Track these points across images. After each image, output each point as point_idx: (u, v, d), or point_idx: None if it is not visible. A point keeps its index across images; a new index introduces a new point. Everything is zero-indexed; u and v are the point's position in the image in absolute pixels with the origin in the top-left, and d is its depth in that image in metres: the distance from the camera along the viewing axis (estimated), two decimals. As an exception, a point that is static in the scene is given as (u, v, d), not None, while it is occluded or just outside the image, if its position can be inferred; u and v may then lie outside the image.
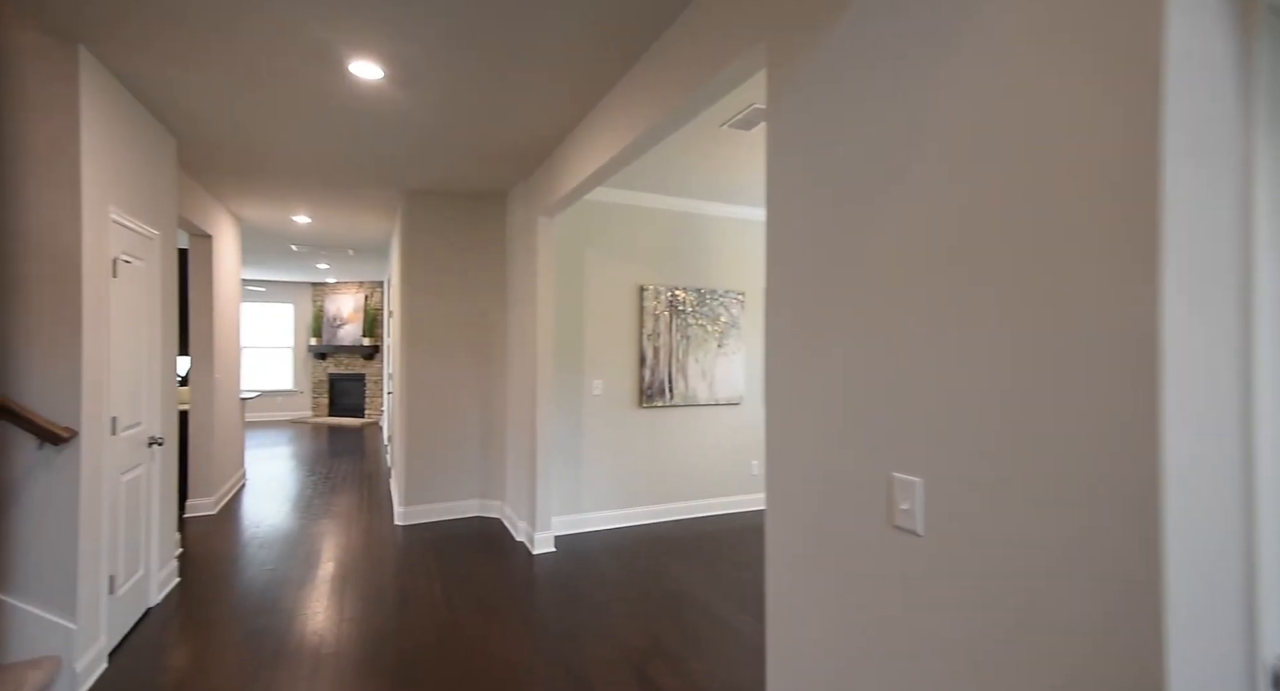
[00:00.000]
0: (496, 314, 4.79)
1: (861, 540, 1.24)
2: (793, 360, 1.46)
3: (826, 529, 1.34)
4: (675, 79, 2.19)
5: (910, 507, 1.12)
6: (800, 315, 1.43)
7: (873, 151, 1.22)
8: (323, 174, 4.14)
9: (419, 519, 4.63)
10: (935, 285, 1.08)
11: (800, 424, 1.43)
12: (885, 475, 1.18)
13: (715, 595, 3.29)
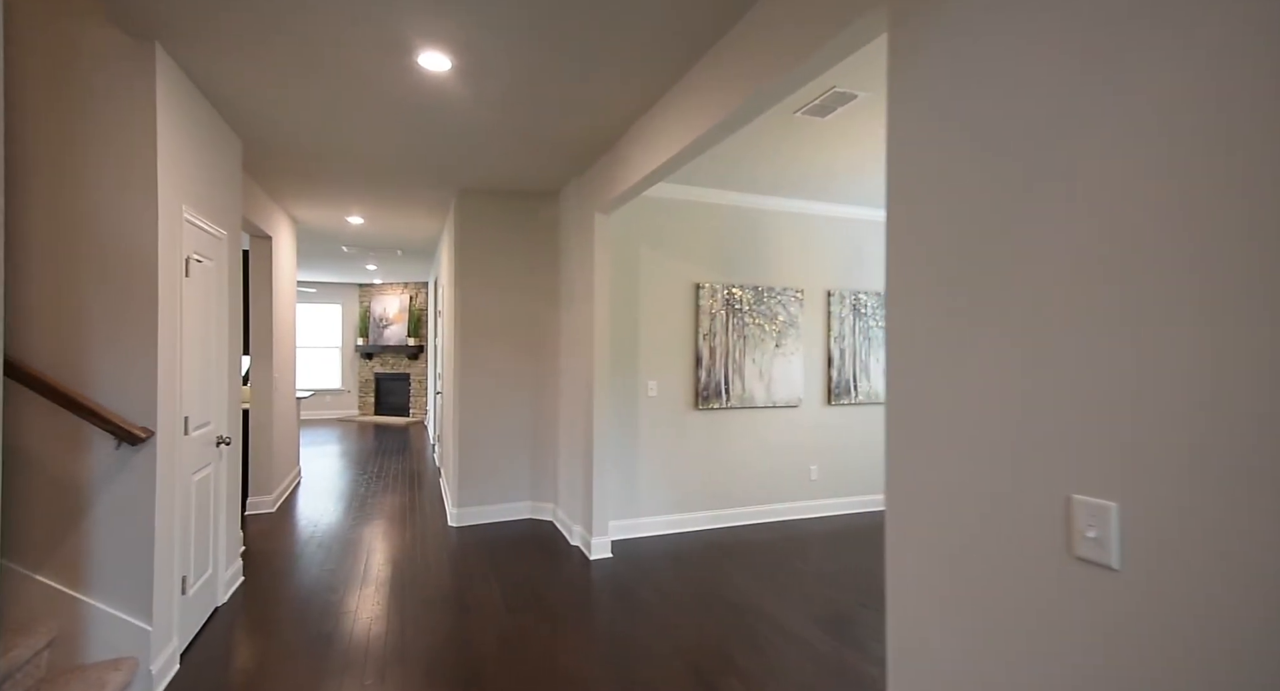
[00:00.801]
0: (548, 313, 4.73)
1: (1027, 574, 1.08)
2: (926, 363, 1.30)
3: (976, 561, 1.18)
4: (767, 58, 2.05)
5: (1100, 535, 0.95)
6: (939, 309, 1.27)
7: (1038, 113, 1.06)
8: (379, 174, 4.13)
9: (472, 520, 4.60)
10: (1135, 269, 0.92)
11: (937, 437, 1.28)
12: (1060, 497, 1.02)
13: (783, 608, 3.13)
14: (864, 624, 2.96)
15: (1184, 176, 0.86)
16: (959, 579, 1.22)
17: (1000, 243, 1.13)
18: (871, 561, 3.81)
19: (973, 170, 1.19)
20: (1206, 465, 0.83)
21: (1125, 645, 0.93)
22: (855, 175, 4.01)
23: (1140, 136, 0.91)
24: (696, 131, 2.59)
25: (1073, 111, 1.01)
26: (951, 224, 1.23)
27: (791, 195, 4.54)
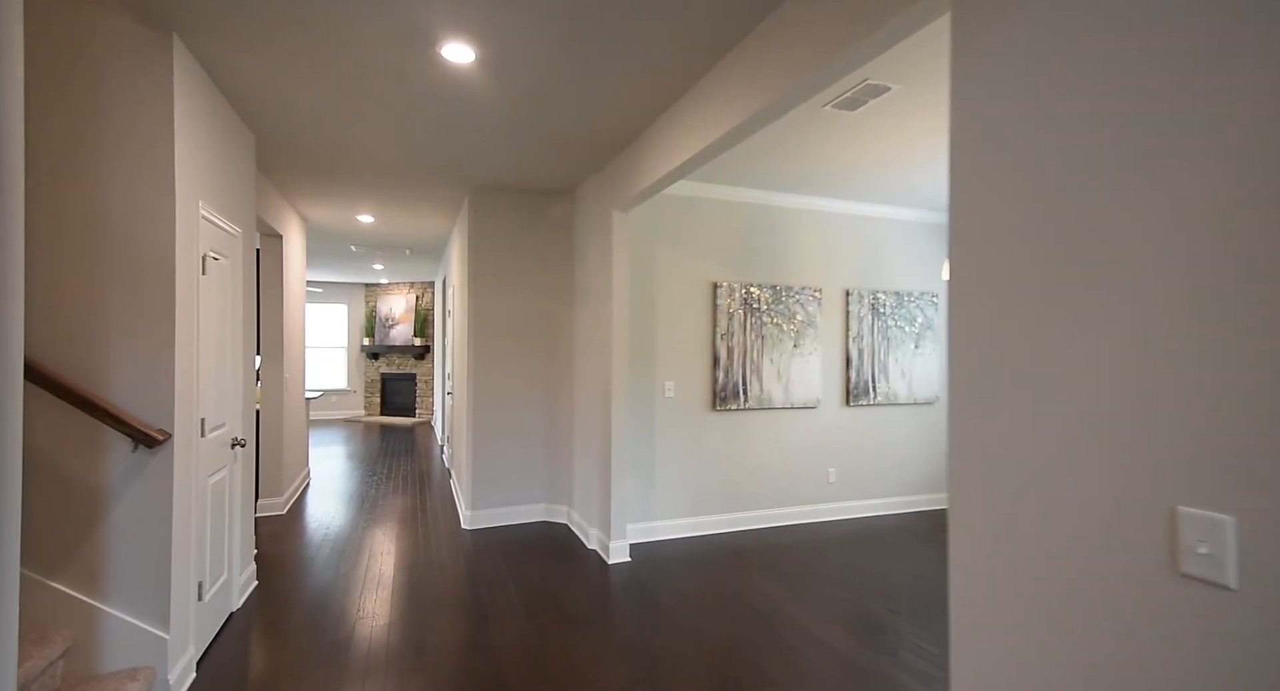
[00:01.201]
0: (562, 312, 4.66)
1: (1119, 592, 1.01)
2: (998, 359, 1.23)
3: (1058, 577, 1.11)
4: (804, 49, 1.98)
5: (1214, 551, 0.88)
6: (1018, 307, 1.20)
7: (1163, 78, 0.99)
8: (393, 171, 4.07)
9: (486, 523, 4.53)
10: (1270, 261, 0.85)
11: (1010, 441, 1.20)
12: (1163, 509, 0.95)
13: (809, 613, 3.05)
14: (895, 631, 2.88)
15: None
16: (1038, 597, 1.15)
17: (1106, 235, 1.05)
18: (896, 565, 3.74)
19: (1071, 149, 1.12)
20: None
21: (1240, 671, 0.86)
22: (879, 172, 3.94)
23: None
24: (724, 127, 2.53)
25: (1207, 68, 0.93)
26: (1038, 214, 1.16)
27: (811, 193, 4.47)
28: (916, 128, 3.13)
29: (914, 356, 4.89)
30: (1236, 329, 0.88)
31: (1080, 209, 1.08)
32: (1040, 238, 1.15)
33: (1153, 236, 0.97)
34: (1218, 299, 0.90)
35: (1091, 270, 1.06)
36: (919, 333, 4.90)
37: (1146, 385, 0.98)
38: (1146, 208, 0.98)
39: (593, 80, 2.65)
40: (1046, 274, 1.14)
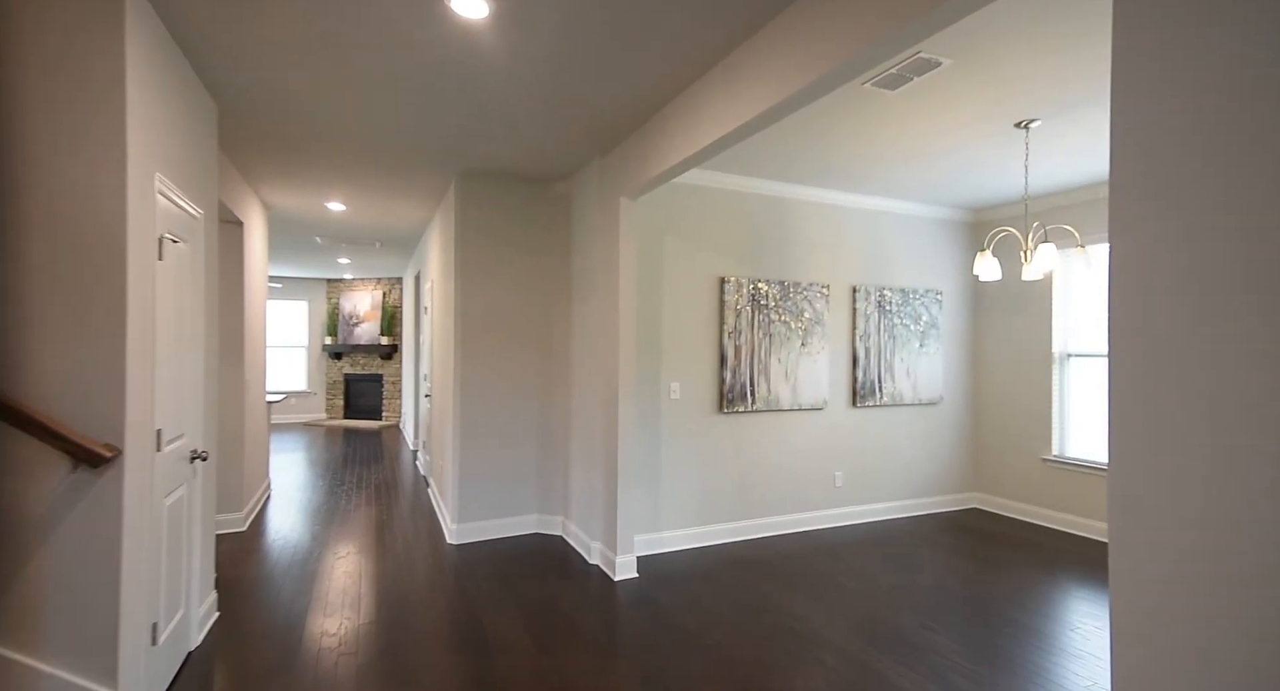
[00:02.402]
0: (559, 309, 4.34)
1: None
2: (1178, 360, 1.01)
3: (1257, 645, 0.89)
4: (861, 19, 1.74)
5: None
6: (1224, 297, 0.98)
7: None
8: (372, 153, 3.68)
9: (475, 537, 4.18)
10: None
11: (1205, 454, 0.99)
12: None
13: (842, 632, 2.84)
14: (935, 649, 2.70)
15: None
16: (1227, 657, 0.93)
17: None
18: (915, 575, 3.57)
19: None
20: None
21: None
22: (898, 164, 3.77)
23: None
24: (759, 106, 2.29)
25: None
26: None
27: (824, 185, 4.28)
28: (959, 113, 2.95)
29: (918, 355, 4.76)
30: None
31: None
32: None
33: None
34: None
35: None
36: (924, 331, 4.78)
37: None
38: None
39: (612, 49, 2.37)
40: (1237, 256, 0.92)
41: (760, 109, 2.29)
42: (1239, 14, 0.97)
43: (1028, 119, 3.03)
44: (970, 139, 3.32)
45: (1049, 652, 2.68)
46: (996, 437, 4.91)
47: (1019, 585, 3.42)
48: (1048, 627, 2.91)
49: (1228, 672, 0.98)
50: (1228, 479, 0.98)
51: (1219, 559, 0.99)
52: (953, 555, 3.90)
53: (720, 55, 2.46)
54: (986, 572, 3.60)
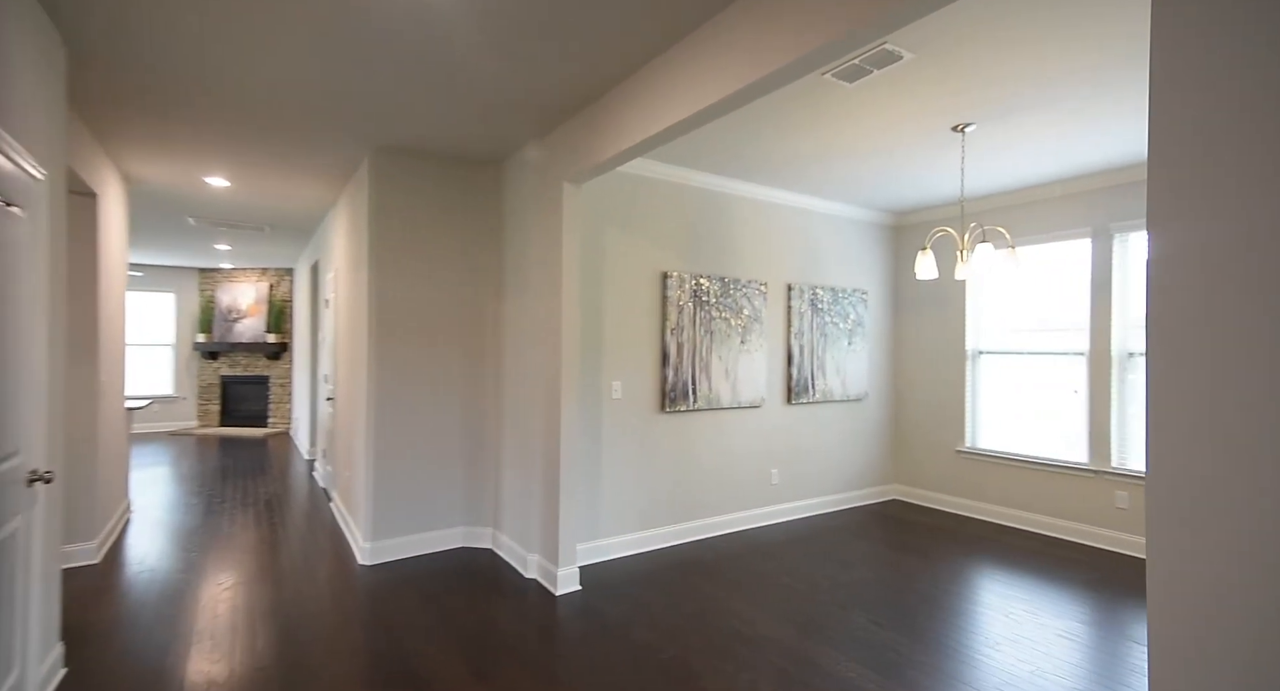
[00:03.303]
0: (489, 303, 4.00)
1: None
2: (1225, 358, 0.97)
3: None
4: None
5: None
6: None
7: None
8: (267, 117, 3.17)
9: (392, 555, 3.75)
10: None
11: (1258, 459, 0.95)
12: None
13: (799, 636, 2.79)
14: (886, 644, 2.70)
15: None
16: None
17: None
18: (853, 570, 3.62)
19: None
20: None
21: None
22: (834, 162, 3.80)
23: None
24: (726, 89, 2.17)
25: None
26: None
27: (762, 182, 4.26)
28: (901, 111, 2.98)
29: (847, 353, 4.89)
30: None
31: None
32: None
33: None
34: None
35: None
36: (851, 330, 4.92)
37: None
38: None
39: (566, 8, 2.14)
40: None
41: (731, 90, 2.16)
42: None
43: (964, 123, 3.14)
44: (907, 140, 3.40)
45: (992, 641, 2.77)
46: (914, 431, 5.15)
47: (950, 574, 3.55)
48: (986, 615, 3.02)
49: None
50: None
51: (1276, 572, 0.95)
52: (884, 547, 4.01)
53: (689, 28, 2.30)
54: (918, 563, 3.72)
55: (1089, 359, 4.07)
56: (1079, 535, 4.10)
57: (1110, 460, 3.97)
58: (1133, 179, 3.85)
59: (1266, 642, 0.96)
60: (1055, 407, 4.29)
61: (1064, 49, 2.38)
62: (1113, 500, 3.95)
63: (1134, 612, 3.04)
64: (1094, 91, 2.76)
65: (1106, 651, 2.66)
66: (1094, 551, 3.93)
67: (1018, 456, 4.42)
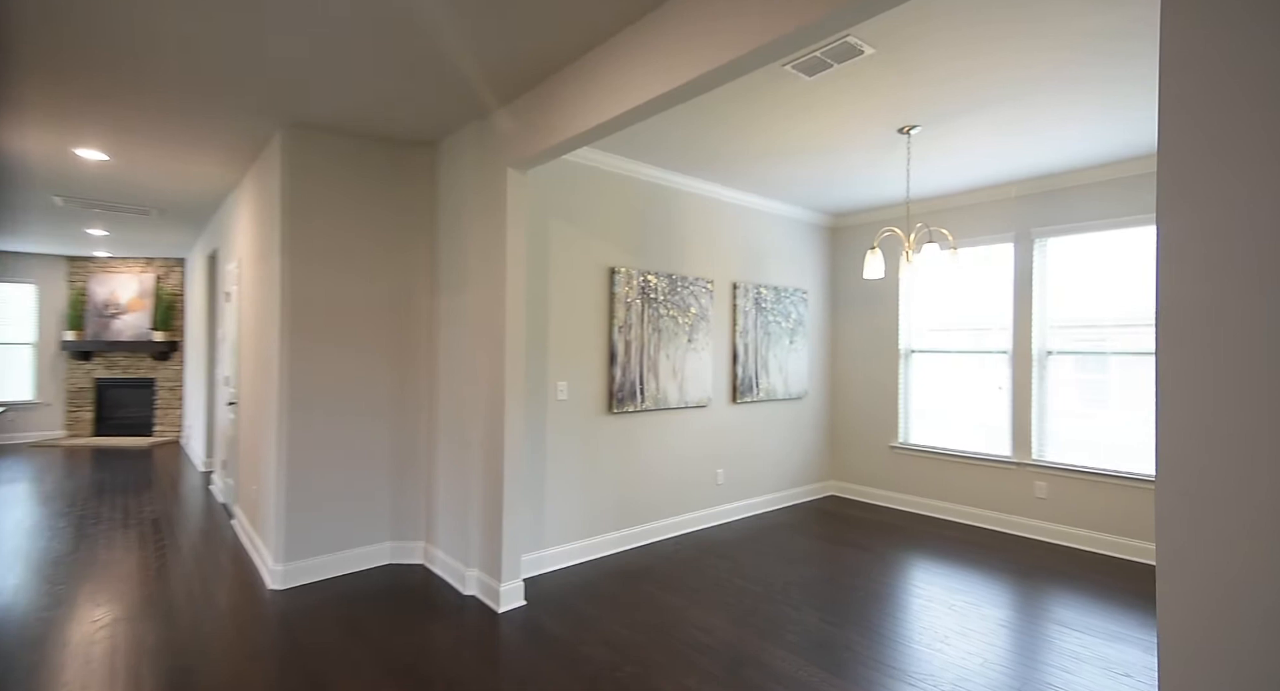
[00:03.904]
0: (422, 299, 3.68)
1: None
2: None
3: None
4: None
5: None
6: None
7: None
8: (159, 77, 2.73)
9: (308, 577, 3.36)
10: None
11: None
12: None
13: (760, 643, 2.71)
14: (848, 648, 2.68)
15: None
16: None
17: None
18: (801, 568, 3.61)
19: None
20: None
21: None
22: (781, 159, 3.79)
23: None
24: (690, 73, 2.06)
25: None
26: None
27: (710, 178, 4.19)
28: (861, 104, 2.97)
29: (789, 352, 4.93)
30: None
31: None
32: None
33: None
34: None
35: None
36: (793, 328, 4.96)
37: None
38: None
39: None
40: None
41: (696, 73, 2.04)
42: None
43: (911, 124, 3.20)
44: (854, 140, 3.43)
45: (942, 635, 2.81)
46: (851, 428, 5.28)
47: (894, 568, 3.62)
48: (932, 608, 3.08)
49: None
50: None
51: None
52: (830, 543, 4.05)
53: (652, 4, 2.15)
54: (863, 558, 3.78)
55: (1012, 357, 4.30)
56: (1003, 524, 4.32)
57: (1031, 453, 4.20)
58: (1053, 187, 4.09)
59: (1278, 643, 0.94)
60: (981, 403, 4.51)
61: (1015, 52, 2.44)
62: (1033, 490, 4.19)
63: (1058, 598, 3.20)
64: (1030, 99, 2.87)
65: (1044, 639, 2.77)
66: (1017, 539, 4.15)
67: (947, 451, 4.61)
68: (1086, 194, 3.97)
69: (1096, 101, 2.88)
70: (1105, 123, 3.14)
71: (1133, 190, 3.78)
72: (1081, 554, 3.85)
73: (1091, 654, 2.62)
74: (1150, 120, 3.10)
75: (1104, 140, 3.40)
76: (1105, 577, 3.47)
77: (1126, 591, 3.28)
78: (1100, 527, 3.88)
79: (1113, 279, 3.90)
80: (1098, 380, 3.97)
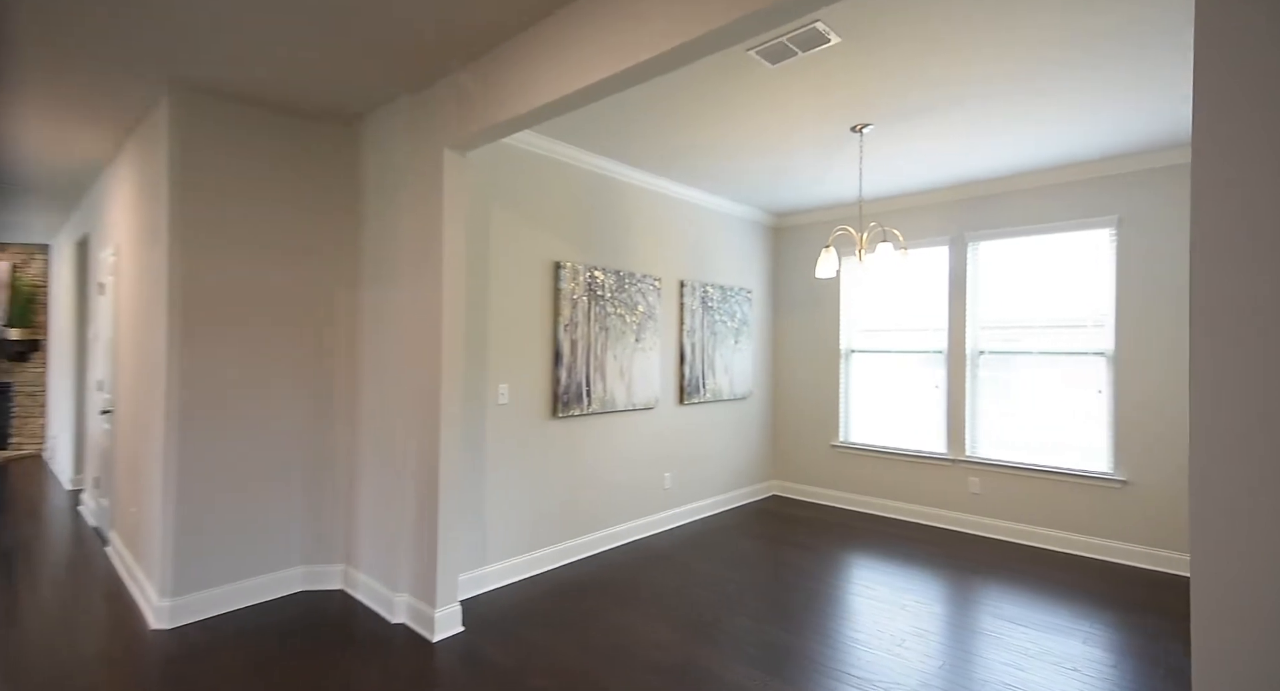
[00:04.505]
0: (342, 293, 3.29)
1: None
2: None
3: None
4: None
5: None
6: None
7: None
8: (8, 22, 2.24)
9: (201, 613, 2.90)
10: None
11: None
12: None
13: (721, 660, 2.57)
14: (812, 659, 2.59)
15: None
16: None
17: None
18: (754, 573, 3.52)
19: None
20: None
21: None
22: (729, 154, 3.69)
23: None
24: (657, 48, 1.89)
25: None
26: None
27: (659, 172, 4.03)
28: (817, 99, 2.90)
29: (734, 352, 4.86)
30: None
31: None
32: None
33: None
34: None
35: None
36: (738, 328, 4.90)
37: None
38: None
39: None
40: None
41: (663, 48, 1.87)
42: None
43: (864, 123, 3.17)
44: (807, 136, 3.38)
45: (898, 638, 2.78)
46: (793, 427, 5.29)
47: (843, 569, 3.60)
48: (886, 610, 3.06)
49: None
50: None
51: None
52: (777, 545, 3.99)
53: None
54: (811, 560, 3.74)
55: (947, 357, 4.43)
56: (940, 519, 4.44)
57: (965, 450, 4.34)
58: (987, 192, 4.24)
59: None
60: (918, 402, 4.62)
61: (973, 56, 2.43)
62: (967, 486, 4.33)
63: (999, 592, 3.28)
64: (979, 104, 2.90)
65: (993, 636, 2.80)
66: (954, 534, 4.26)
67: (886, 449, 4.70)
68: (1012, 202, 4.13)
69: (1038, 111, 2.96)
70: (1042, 130, 3.25)
71: (1059, 197, 3.96)
72: (1013, 546, 4.01)
73: (1039, 648, 2.67)
74: (1084, 129, 3.23)
75: (1038, 148, 3.53)
76: (1037, 569, 3.61)
77: (1058, 583, 3.41)
78: (1028, 520, 4.06)
79: (1038, 282, 4.08)
80: (1023, 379, 4.14)
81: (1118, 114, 3.03)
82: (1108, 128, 3.22)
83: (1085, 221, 3.87)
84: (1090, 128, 3.21)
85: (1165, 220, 3.61)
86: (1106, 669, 2.50)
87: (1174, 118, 3.07)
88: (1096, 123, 3.14)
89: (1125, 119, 3.09)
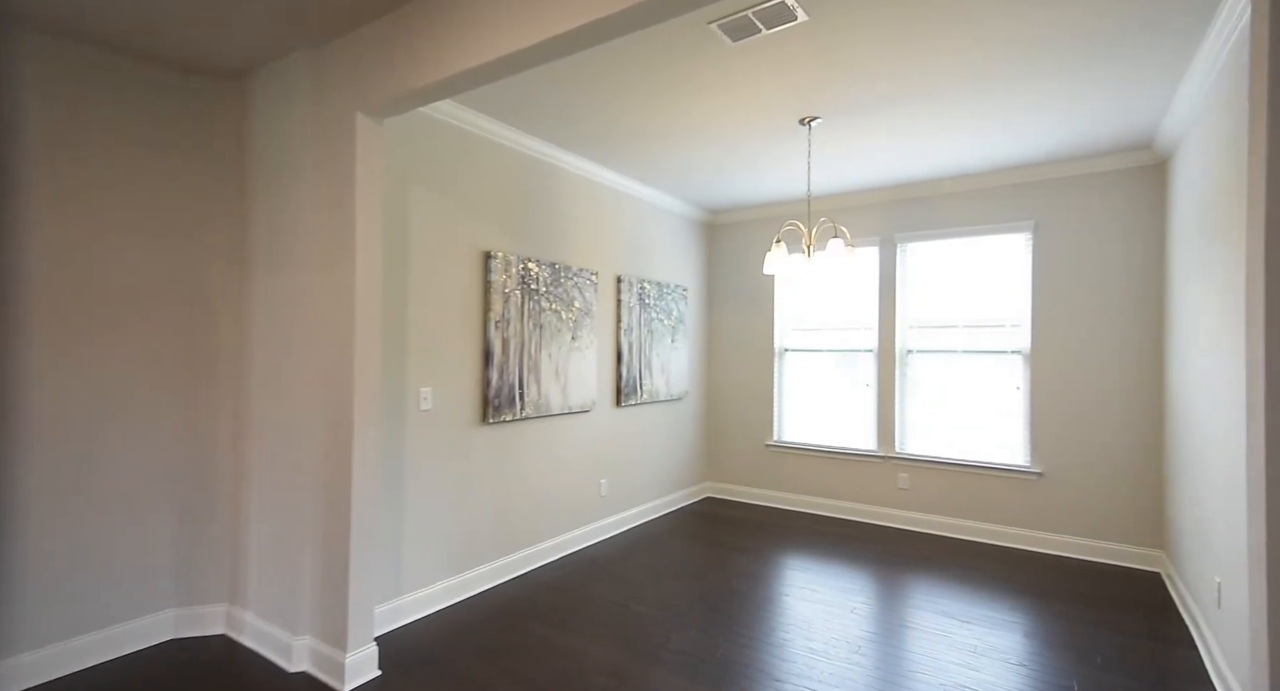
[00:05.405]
0: (224, 278, 2.77)
1: None
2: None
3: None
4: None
5: None
6: None
7: None
8: None
9: (36, 678, 2.32)
10: None
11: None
12: None
13: (683, 684, 2.37)
14: (769, 674, 2.44)
15: None
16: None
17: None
18: (700, 583, 3.36)
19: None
20: None
21: None
22: (672, 144, 3.50)
23: None
24: (607, 8, 1.65)
25: None
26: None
27: (599, 160, 3.77)
28: (768, 87, 2.76)
29: (671, 351, 4.70)
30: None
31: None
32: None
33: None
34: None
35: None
36: (674, 326, 4.74)
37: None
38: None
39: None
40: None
41: (615, 9, 1.64)
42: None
43: (812, 115, 3.09)
44: (753, 127, 3.26)
45: (854, 644, 2.71)
46: (727, 428, 5.21)
47: (787, 571, 3.52)
48: (837, 614, 2.99)
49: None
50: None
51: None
52: (717, 549, 3.86)
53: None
54: (752, 564, 3.63)
55: (877, 355, 4.50)
56: (871, 516, 4.50)
57: (894, 446, 4.43)
58: (918, 194, 4.33)
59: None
60: (850, 400, 4.67)
61: (941, 45, 2.38)
62: (896, 482, 4.41)
63: (936, 588, 3.32)
64: (928, 101, 2.90)
65: (940, 635, 2.80)
66: (885, 530, 4.33)
67: (819, 447, 4.72)
68: (940, 205, 4.25)
69: (984, 112, 3.00)
70: (979, 134, 3.32)
71: (984, 201, 4.11)
72: (943, 539, 4.12)
73: (985, 645, 2.69)
74: (1019, 135, 3.32)
75: (970, 152, 3.62)
76: (968, 560, 3.71)
77: (991, 575, 3.51)
78: (955, 513, 4.19)
79: (963, 283, 4.23)
80: (949, 377, 4.28)
81: (1045, 123, 3.14)
82: (1032, 137, 3.33)
83: (1006, 225, 4.03)
84: (1020, 134, 3.31)
85: (1075, 226, 3.82)
86: (1049, 661, 2.54)
87: (1090, 130, 3.23)
88: (1025, 130, 3.24)
89: (1051, 127, 3.21)
